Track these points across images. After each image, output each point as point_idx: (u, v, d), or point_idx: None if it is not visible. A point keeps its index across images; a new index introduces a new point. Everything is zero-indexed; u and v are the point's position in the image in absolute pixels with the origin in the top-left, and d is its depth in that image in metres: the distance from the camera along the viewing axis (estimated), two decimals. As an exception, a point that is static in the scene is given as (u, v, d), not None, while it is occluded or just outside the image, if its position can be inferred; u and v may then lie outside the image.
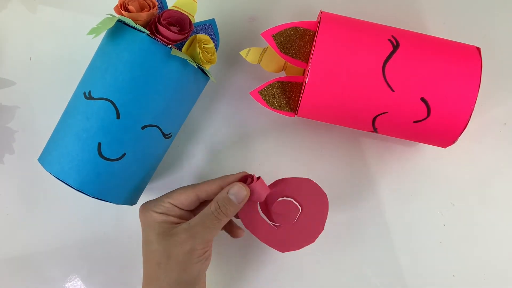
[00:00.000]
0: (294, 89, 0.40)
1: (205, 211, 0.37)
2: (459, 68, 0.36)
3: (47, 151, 0.38)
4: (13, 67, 0.47)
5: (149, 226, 0.37)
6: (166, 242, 0.36)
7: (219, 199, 0.37)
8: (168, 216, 0.37)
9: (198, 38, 0.37)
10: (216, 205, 0.36)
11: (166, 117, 0.38)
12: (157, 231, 0.36)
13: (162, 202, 0.38)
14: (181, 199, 0.38)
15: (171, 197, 0.38)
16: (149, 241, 0.37)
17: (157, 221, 0.37)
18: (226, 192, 0.37)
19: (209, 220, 0.36)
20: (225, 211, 0.36)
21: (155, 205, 0.38)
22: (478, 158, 0.44)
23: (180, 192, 0.38)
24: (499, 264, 0.43)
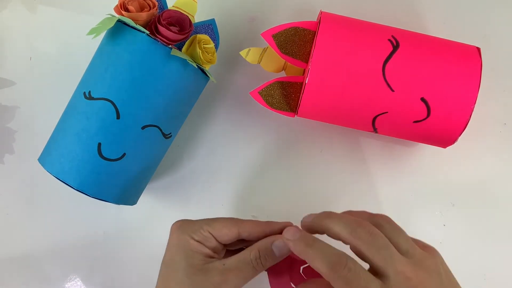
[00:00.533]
0: (294, 89, 0.40)
1: (244, 257, 0.34)
2: (459, 68, 0.36)
3: (47, 151, 0.38)
4: (13, 67, 0.47)
5: (181, 251, 0.34)
6: (196, 278, 0.33)
7: (262, 249, 0.34)
8: (204, 246, 0.34)
9: (198, 38, 0.37)
10: (257, 254, 0.33)
11: (166, 117, 0.38)
12: (189, 262, 0.33)
13: (202, 230, 0.34)
14: (222, 232, 0.34)
15: (212, 226, 0.34)
16: (177, 268, 0.33)
17: (192, 250, 0.33)
18: (270, 243, 0.34)
19: (246, 268, 0.33)
20: (264, 262, 0.34)
21: (194, 230, 0.34)
22: (478, 158, 0.44)
23: (222, 224, 0.34)
24: (499, 264, 0.43)
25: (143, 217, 0.46)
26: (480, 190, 0.44)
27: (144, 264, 0.45)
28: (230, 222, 0.35)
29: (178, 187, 0.46)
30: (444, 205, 0.44)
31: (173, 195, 0.46)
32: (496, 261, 0.43)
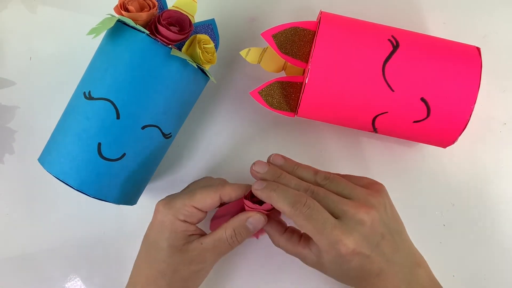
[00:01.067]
0: (294, 89, 0.40)
1: (219, 235, 0.36)
2: (459, 68, 0.36)
3: (47, 151, 0.38)
4: (13, 67, 0.47)
5: (165, 232, 0.36)
6: (176, 258, 0.35)
7: (236, 227, 0.36)
8: (189, 224, 0.36)
9: (198, 38, 0.37)
10: (232, 233, 0.36)
11: (166, 117, 0.38)
12: (172, 242, 0.35)
13: (186, 207, 0.36)
14: (206, 203, 0.36)
15: (196, 200, 0.36)
16: (159, 248, 0.36)
17: (176, 231, 0.36)
18: (245, 221, 0.36)
19: (223, 246, 0.36)
20: (239, 239, 0.36)
21: (178, 209, 0.36)
22: (478, 158, 0.44)
23: (204, 196, 0.36)
24: (499, 264, 0.43)
25: (143, 217, 0.46)
26: (480, 190, 0.44)
27: (144, 264, 0.45)
28: (211, 191, 0.36)
29: (178, 187, 0.46)
30: (444, 205, 0.44)
31: (173, 195, 0.46)
32: (496, 261, 0.43)
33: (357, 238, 0.32)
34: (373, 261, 0.33)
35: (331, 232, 0.32)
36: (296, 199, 0.33)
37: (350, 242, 0.32)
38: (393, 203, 0.37)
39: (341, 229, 0.32)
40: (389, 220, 0.35)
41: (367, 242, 0.33)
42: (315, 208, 0.33)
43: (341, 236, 0.32)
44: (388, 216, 0.35)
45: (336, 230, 0.32)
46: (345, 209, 0.33)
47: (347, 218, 0.33)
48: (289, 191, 0.34)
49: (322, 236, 0.33)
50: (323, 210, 0.33)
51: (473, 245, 0.44)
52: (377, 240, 0.33)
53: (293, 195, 0.34)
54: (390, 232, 0.34)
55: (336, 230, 0.32)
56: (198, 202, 0.36)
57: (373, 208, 0.34)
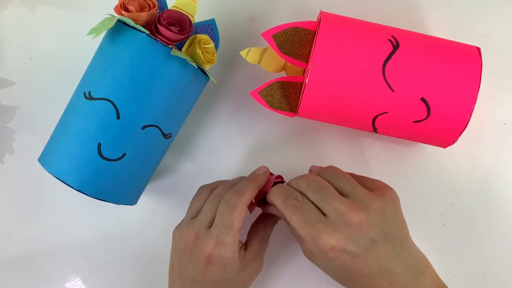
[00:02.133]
0: (294, 89, 0.40)
1: (263, 237, 0.39)
2: (459, 68, 0.36)
3: (47, 151, 0.38)
4: (13, 67, 0.47)
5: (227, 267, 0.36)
6: (243, 275, 0.38)
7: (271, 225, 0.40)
8: (241, 248, 0.38)
9: (198, 38, 0.37)
10: (270, 231, 0.40)
11: (166, 117, 0.38)
12: (236, 269, 0.37)
13: (236, 237, 0.36)
14: (241, 223, 0.36)
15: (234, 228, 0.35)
16: (227, 279, 0.37)
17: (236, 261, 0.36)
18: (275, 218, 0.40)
19: (267, 243, 0.40)
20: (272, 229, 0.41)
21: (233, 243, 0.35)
22: (478, 158, 0.44)
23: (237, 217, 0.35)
24: (499, 264, 0.43)
25: (143, 217, 0.46)
26: (480, 190, 0.44)
27: (144, 264, 0.45)
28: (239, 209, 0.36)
29: (178, 187, 0.46)
30: (444, 205, 0.44)
31: (173, 195, 0.46)
32: (496, 261, 0.43)
33: (340, 237, 0.33)
34: (361, 263, 0.33)
35: (313, 226, 0.33)
36: (288, 193, 0.35)
37: (330, 239, 0.33)
38: (400, 210, 0.37)
39: (323, 225, 0.33)
40: (387, 226, 0.34)
41: (353, 242, 0.33)
42: (303, 202, 0.34)
43: (322, 231, 0.33)
44: (385, 222, 0.34)
45: (318, 225, 0.33)
46: (335, 207, 0.33)
47: (335, 216, 0.33)
48: (284, 188, 0.37)
49: (305, 230, 0.33)
50: (311, 205, 0.34)
51: (473, 245, 0.44)
52: (365, 243, 0.33)
53: (287, 191, 0.36)
54: (386, 239, 0.34)
55: (318, 225, 0.33)
56: (239, 226, 0.36)
57: (365, 211, 0.33)
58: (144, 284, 0.45)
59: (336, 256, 0.33)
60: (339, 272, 0.35)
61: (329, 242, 0.33)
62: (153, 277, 0.45)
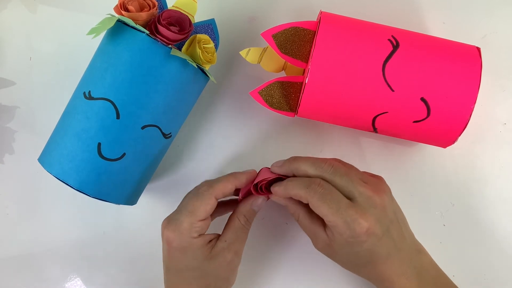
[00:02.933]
0: (294, 89, 0.40)
1: (236, 225, 0.38)
2: (459, 68, 0.36)
3: (47, 151, 0.38)
4: (13, 67, 0.47)
5: (188, 253, 0.36)
6: (212, 265, 0.36)
7: (246, 213, 0.38)
8: (204, 236, 0.37)
9: (198, 38, 0.37)
10: (245, 219, 0.38)
11: (166, 117, 0.38)
12: (199, 258, 0.36)
13: (193, 225, 0.36)
14: (206, 211, 0.36)
15: (196, 214, 0.36)
16: (192, 268, 0.36)
17: (198, 248, 0.36)
18: (250, 205, 0.38)
19: (243, 233, 0.38)
20: (250, 221, 0.39)
21: (189, 230, 0.36)
22: (478, 158, 0.44)
23: (202, 205, 0.36)
24: (499, 264, 0.43)
25: (143, 217, 0.46)
26: (480, 190, 0.44)
27: (144, 264, 0.45)
28: (204, 197, 0.36)
29: (178, 187, 0.46)
30: (444, 205, 0.44)
31: (173, 195, 0.46)
32: (496, 261, 0.43)
33: (371, 218, 0.33)
34: (383, 244, 0.34)
35: (346, 212, 0.33)
36: (311, 181, 0.35)
37: (365, 222, 0.33)
38: None
39: (356, 209, 0.33)
40: (396, 208, 0.37)
41: (380, 224, 0.34)
42: (329, 188, 0.34)
43: (356, 215, 0.33)
44: (394, 205, 0.37)
45: (350, 210, 0.33)
46: (361, 190, 0.34)
47: (362, 199, 0.34)
48: (302, 178, 0.36)
49: (337, 216, 0.33)
50: (336, 191, 0.34)
51: (473, 245, 0.44)
52: (387, 224, 0.34)
53: (307, 179, 0.35)
54: (397, 219, 0.36)
55: (351, 209, 0.33)
56: (201, 215, 0.36)
57: (384, 194, 0.35)
58: (144, 284, 0.45)
59: (366, 240, 0.33)
60: (360, 258, 0.35)
61: (364, 225, 0.33)
62: (153, 277, 0.45)
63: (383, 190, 0.36)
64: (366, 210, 0.33)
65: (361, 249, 0.34)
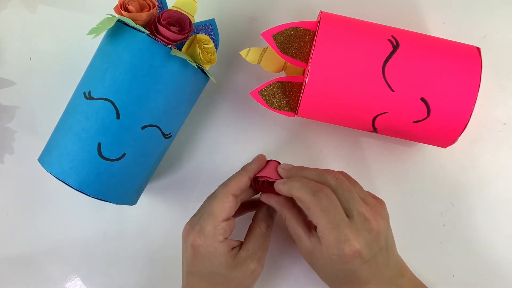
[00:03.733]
0: (294, 89, 0.40)
1: (258, 233, 0.38)
2: (459, 68, 0.36)
3: (47, 151, 0.38)
4: (13, 67, 0.47)
5: (213, 259, 0.36)
6: (236, 275, 0.36)
7: (265, 219, 0.38)
8: (228, 241, 0.36)
9: (198, 38, 0.37)
10: (265, 225, 0.38)
11: (166, 117, 0.38)
12: (224, 264, 0.36)
13: (217, 227, 0.36)
14: (226, 210, 0.36)
15: (216, 214, 0.36)
16: (216, 275, 0.36)
17: (222, 253, 0.36)
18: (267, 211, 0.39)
19: (265, 241, 0.38)
20: (272, 227, 0.39)
21: (214, 233, 0.36)
22: (478, 158, 0.44)
23: (219, 204, 0.36)
24: (499, 264, 0.43)
25: (143, 217, 0.46)
26: (480, 190, 0.44)
27: (144, 264, 0.45)
28: (223, 197, 0.37)
29: (178, 187, 0.46)
30: (444, 205, 0.44)
31: (173, 195, 0.46)
32: (496, 261, 0.43)
33: (363, 242, 0.33)
34: (366, 268, 0.34)
35: (342, 230, 0.33)
36: (318, 188, 0.34)
37: (356, 244, 0.33)
38: None
39: (351, 230, 0.33)
40: (388, 235, 0.36)
41: (369, 249, 0.33)
42: (334, 202, 0.34)
43: (351, 235, 0.33)
44: (388, 232, 0.36)
45: (347, 229, 0.33)
46: (360, 210, 0.34)
47: (359, 220, 0.33)
48: (310, 182, 0.35)
49: (333, 232, 0.33)
50: (340, 207, 0.34)
51: (473, 245, 0.44)
52: (376, 250, 0.34)
53: (315, 185, 0.34)
54: (387, 247, 0.35)
55: (347, 229, 0.33)
56: (222, 214, 0.36)
57: (381, 219, 0.34)
58: (144, 284, 0.45)
59: (350, 261, 0.33)
60: (339, 275, 0.35)
61: (354, 248, 0.33)
62: (153, 277, 0.45)
63: (382, 215, 0.35)
64: (360, 232, 0.33)
65: (342, 268, 0.34)
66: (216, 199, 0.37)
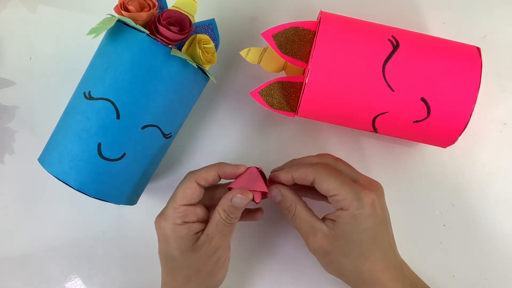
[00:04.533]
0: (294, 89, 0.40)
1: (217, 220, 0.37)
2: (459, 68, 0.36)
3: (47, 151, 0.38)
4: (13, 67, 0.47)
5: (170, 241, 0.37)
6: (193, 257, 0.37)
7: (225, 207, 0.37)
8: (189, 224, 0.37)
9: (198, 38, 0.37)
10: (225, 214, 0.37)
11: (166, 117, 0.38)
12: (181, 247, 0.37)
13: (176, 210, 0.37)
14: (189, 196, 0.37)
15: (178, 198, 0.37)
16: (174, 257, 0.37)
17: (181, 236, 0.36)
18: (230, 200, 0.36)
19: (225, 227, 0.37)
20: (234, 216, 0.37)
21: (172, 215, 0.37)
22: (478, 158, 0.44)
23: (183, 189, 0.37)
24: (499, 264, 0.43)
25: (143, 217, 0.46)
26: (480, 190, 0.44)
27: (144, 264, 0.45)
28: (187, 183, 0.37)
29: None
30: (444, 205, 0.44)
31: (173, 195, 0.46)
32: (496, 261, 0.43)
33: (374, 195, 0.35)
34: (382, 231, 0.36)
35: (352, 185, 0.35)
36: (319, 163, 0.37)
37: (371, 194, 0.35)
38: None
39: (360, 186, 0.36)
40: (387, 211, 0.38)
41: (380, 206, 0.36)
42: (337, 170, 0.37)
43: (362, 189, 0.35)
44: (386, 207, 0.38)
45: (355, 185, 0.35)
46: (362, 176, 0.37)
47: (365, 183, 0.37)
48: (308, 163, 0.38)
49: (345, 187, 0.35)
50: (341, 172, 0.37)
51: (473, 245, 0.44)
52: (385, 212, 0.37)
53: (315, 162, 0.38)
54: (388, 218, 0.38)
55: (356, 185, 0.36)
56: (182, 198, 0.37)
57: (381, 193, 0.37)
58: (144, 283, 0.45)
59: (371, 214, 0.35)
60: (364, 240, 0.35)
61: (371, 197, 0.35)
62: (153, 277, 0.45)
63: (380, 190, 0.37)
64: (369, 188, 0.36)
65: (366, 226, 0.35)
66: (180, 184, 0.38)
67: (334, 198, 0.35)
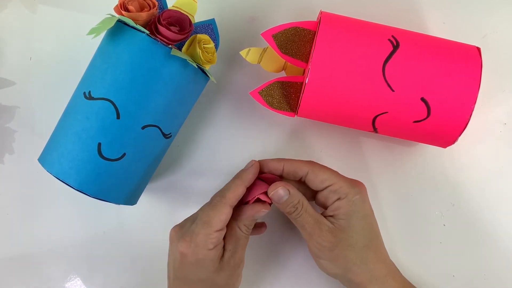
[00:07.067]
0: (294, 89, 0.40)
1: (238, 234, 0.38)
2: (459, 68, 0.36)
3: (47, 151, 0.38)
4: (13, 67, 0.47)
5: (201, 266, 0.36)
6: (221, 275, 0.37)
7: (246, 222, 0.38)
8: (217, 248, 0.37)
9: (198, 38, 0.37)
10: (246, 228, 0.38)
11: (166, 117, 0.38)
12: (211, 269, 0.37)
13: (210, 236, 0.36)
14: (222, 221, 0.36)
15: (212, 224, 0.36)
16: (202, 278, 0.37)
17: (212, 259, 0.36)
18: (252, 216, 0.38)
19: (245, 240, 0.39)
20: (251, 228, 0.39)
21: (205, 242, 0.36)
22: (478, 158, 0.44)
23: (216, 215, 0.36)
24: (499, 264, 0.43)
25: (143, 217, 0.46)
26: (480, 190, 0.44)
27: (144, 264, 0.45)
28: (219, 206, 0.37)
29: (178, 187, 0.46)
30: (444, 205, 0.44)
31: (173, 195, 0.46)
32: (496, 261, 0.43)
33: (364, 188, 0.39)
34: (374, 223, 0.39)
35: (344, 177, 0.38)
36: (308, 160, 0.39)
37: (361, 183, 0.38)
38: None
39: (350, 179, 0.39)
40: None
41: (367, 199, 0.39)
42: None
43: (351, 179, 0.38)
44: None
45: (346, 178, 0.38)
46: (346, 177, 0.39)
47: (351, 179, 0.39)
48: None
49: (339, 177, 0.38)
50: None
51: (473, 245, 0.44)
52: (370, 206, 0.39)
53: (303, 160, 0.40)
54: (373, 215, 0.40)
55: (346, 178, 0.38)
56: (217, 225, 0.36)
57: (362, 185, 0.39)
58: (144, 284, 0.45)
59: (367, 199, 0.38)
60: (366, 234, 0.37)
61: (361, 184, 0.38)
62: (153, 277, 0.45)
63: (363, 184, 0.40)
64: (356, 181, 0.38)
65: (365, 213, 0.37)
66: (214, 209, 0.37)
67: (330, 188, 0.37)
